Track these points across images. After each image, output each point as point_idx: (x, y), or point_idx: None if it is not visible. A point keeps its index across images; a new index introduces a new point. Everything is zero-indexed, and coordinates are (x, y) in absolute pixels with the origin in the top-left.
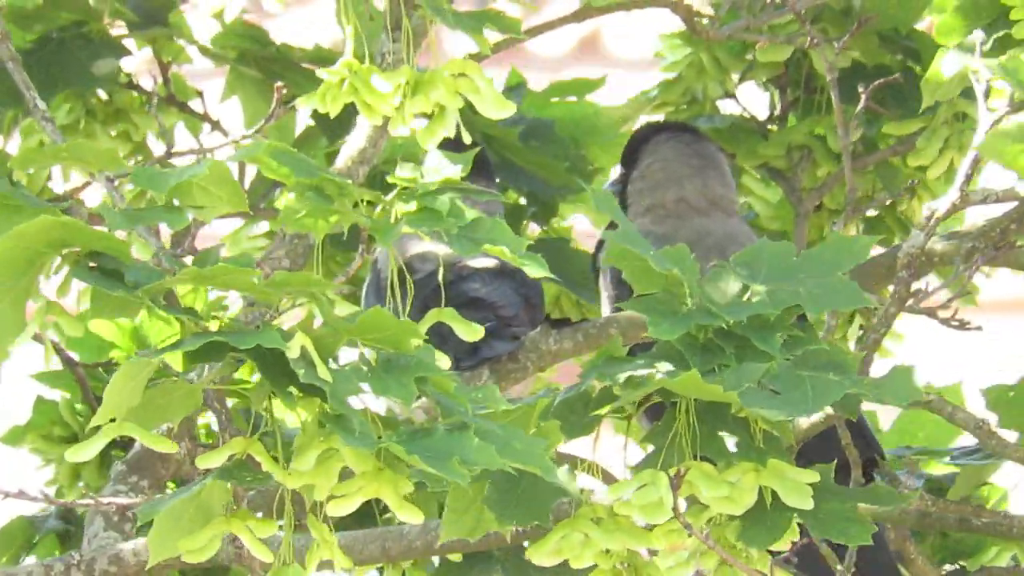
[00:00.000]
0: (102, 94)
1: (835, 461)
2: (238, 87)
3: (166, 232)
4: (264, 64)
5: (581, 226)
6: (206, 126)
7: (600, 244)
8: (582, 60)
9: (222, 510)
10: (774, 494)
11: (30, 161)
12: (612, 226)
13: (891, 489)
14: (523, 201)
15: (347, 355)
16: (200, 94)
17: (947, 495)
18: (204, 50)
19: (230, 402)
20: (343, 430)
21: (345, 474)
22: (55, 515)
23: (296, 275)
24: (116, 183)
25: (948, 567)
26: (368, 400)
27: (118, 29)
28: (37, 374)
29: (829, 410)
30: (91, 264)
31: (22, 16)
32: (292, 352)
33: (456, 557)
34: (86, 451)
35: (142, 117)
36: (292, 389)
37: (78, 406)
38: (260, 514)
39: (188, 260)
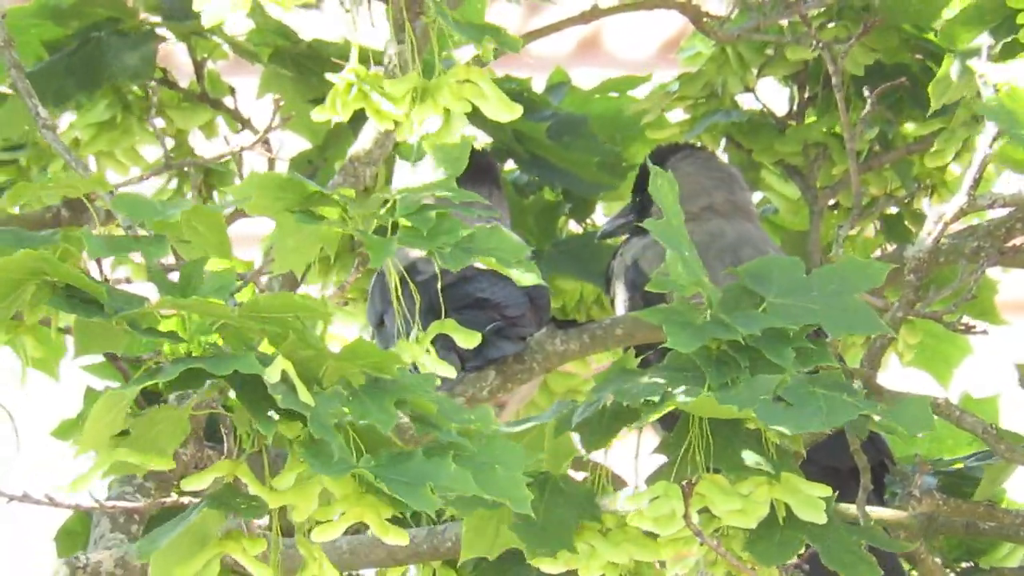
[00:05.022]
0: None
1: (845, 465)
2: (273, 85)
3: None
4: (297, 60)
5: None
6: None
7: (616, 251)
8: (582, 60)
9: (217, 532)
10: (787, 509)
11: (20, 196)
12: (636, 233)
13: (888, 538)
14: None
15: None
16: (232, 91)
17: (972, 495)
18: (237, 47)
19: None
20: (316, 457)
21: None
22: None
23: (278, 298)
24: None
25: (965, 564)
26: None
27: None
28: (87, 365)
29: None
30: (69, 293)
31: (58, 12)
32: (271, 377)
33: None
34: (85, 483)
35: (178, 113)
36: (272, 413)
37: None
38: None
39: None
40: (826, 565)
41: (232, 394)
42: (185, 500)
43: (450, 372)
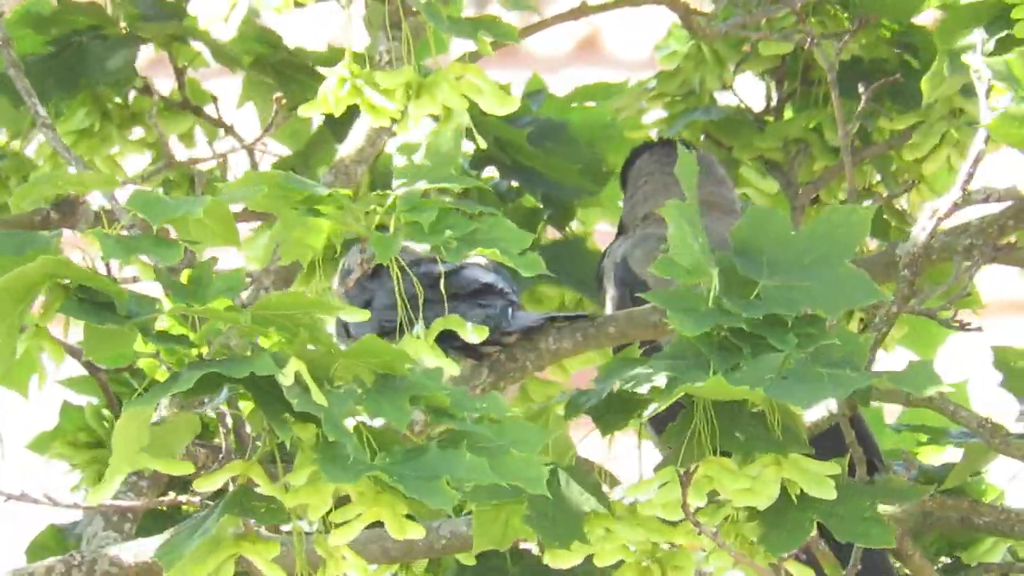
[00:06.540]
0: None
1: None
2: (253, 93)
3: None
4: (278, 68)
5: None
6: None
7: (606, 251)
8: (581, 60)
9: (231, 532)
10: (797, 494)
11: (25, 196)
12: (620, 232)
13: (906, 483)
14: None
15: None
16: (215, 99)
17: (945, 482)
18: (218, 54)
19: None
20: (329, 461)
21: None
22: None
23: (288, 296)
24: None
25: (945, 559)
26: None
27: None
28: (64, 380)
29: (833, 407)
30: (81, 296)
31: (39, 20)
32: (286, 380)
33: (469, 560)
34: (105, 491)
35: (159, 120)
36: (287, 415)
37: (104, 412)
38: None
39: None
40: (838, 540)
41: (249, 398)
42: (182, 499)
43: (453, 369)
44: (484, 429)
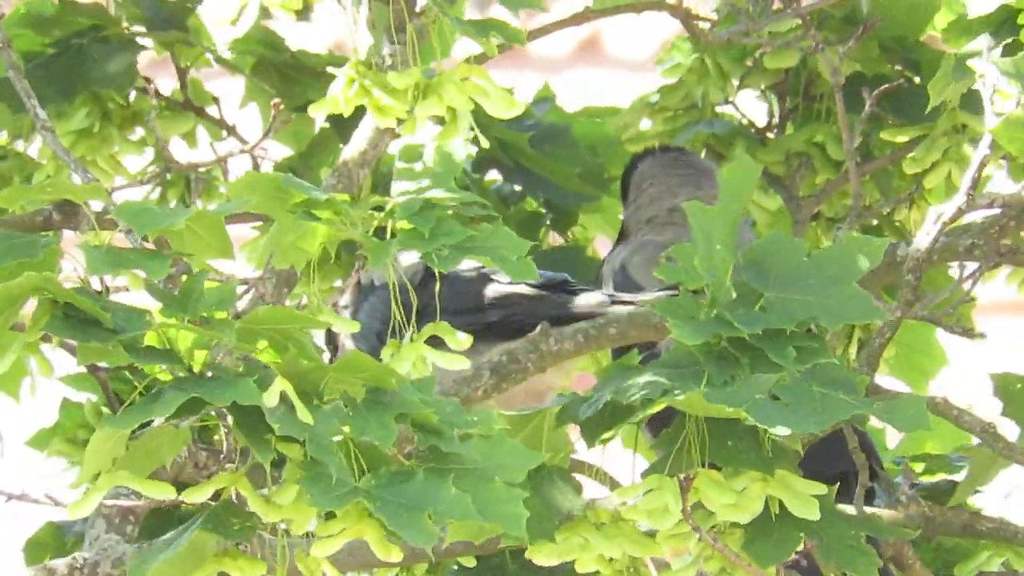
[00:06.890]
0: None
1: (839, 467)
2: (256, 95)
3: None
4: (281, 70)
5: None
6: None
7: (606, 257)
8: (583, 61)
9: (214, 548)
10: (781, 506)
11: (15, 198)
12: (621, 237)
13: (892, 521)
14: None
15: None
16: (216, 100)
17: (950, 501)
18: (220, 59)
19: None
20: (314, 484)
21: None
22: (83, 519)
23: (278, 311)
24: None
25: None
26: None
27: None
28: (64, 376)
29: None
30: (67, 312)
31: (40, 21)
32: (270, 402)
33: (469, 562)
34: (85, 506)
35: (161, 121)
36: (271, 437)
37: (104, 409)
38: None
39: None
40: (823, 561)
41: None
42: (183, 498)
43: (463, 364)
44: (470, 450)
